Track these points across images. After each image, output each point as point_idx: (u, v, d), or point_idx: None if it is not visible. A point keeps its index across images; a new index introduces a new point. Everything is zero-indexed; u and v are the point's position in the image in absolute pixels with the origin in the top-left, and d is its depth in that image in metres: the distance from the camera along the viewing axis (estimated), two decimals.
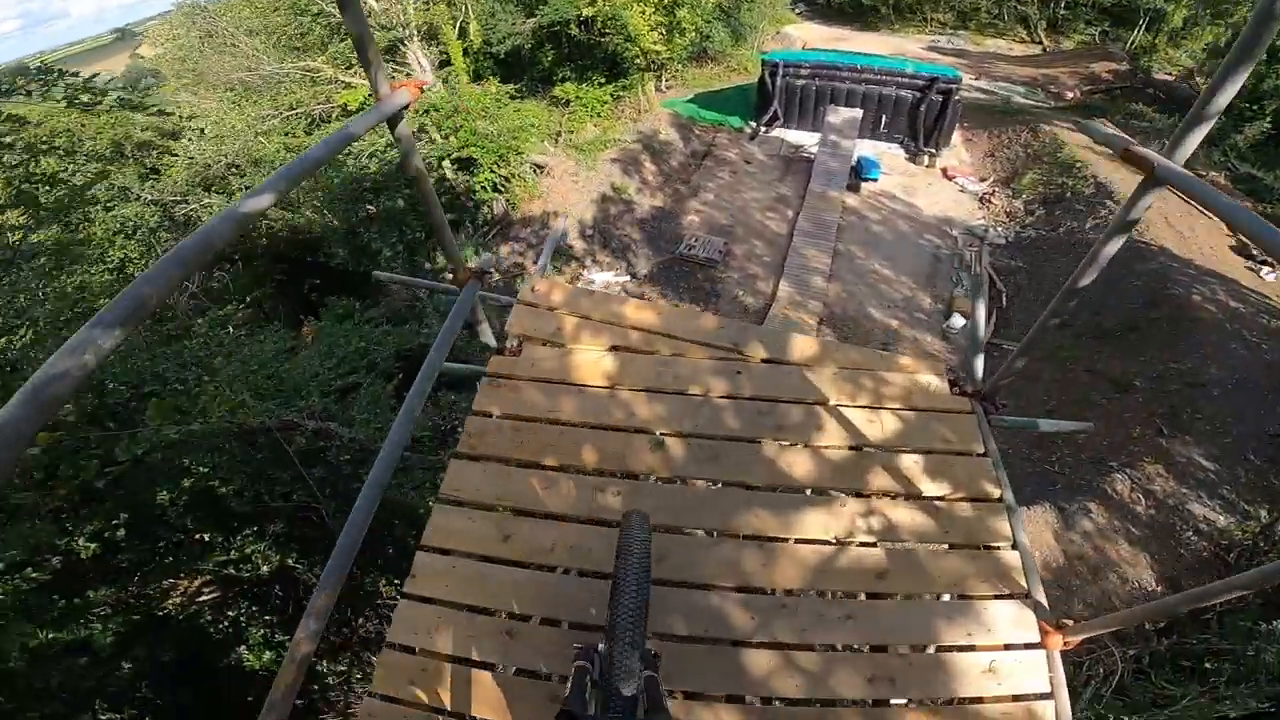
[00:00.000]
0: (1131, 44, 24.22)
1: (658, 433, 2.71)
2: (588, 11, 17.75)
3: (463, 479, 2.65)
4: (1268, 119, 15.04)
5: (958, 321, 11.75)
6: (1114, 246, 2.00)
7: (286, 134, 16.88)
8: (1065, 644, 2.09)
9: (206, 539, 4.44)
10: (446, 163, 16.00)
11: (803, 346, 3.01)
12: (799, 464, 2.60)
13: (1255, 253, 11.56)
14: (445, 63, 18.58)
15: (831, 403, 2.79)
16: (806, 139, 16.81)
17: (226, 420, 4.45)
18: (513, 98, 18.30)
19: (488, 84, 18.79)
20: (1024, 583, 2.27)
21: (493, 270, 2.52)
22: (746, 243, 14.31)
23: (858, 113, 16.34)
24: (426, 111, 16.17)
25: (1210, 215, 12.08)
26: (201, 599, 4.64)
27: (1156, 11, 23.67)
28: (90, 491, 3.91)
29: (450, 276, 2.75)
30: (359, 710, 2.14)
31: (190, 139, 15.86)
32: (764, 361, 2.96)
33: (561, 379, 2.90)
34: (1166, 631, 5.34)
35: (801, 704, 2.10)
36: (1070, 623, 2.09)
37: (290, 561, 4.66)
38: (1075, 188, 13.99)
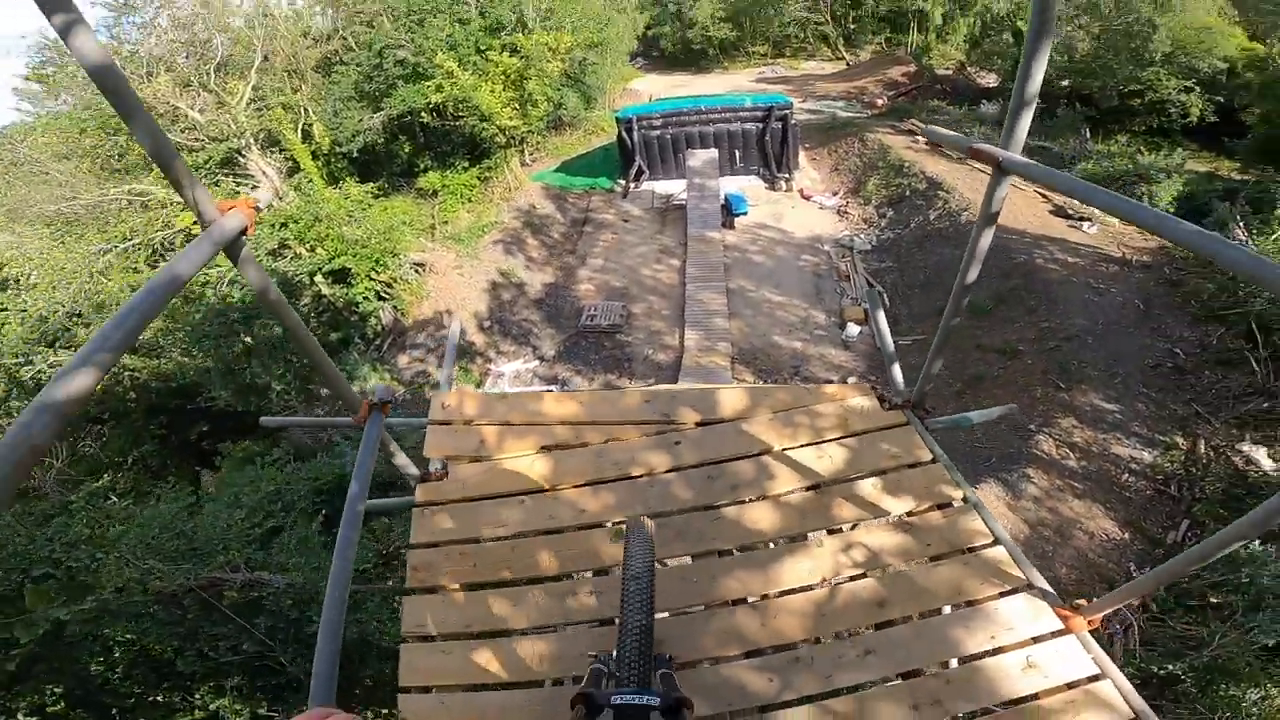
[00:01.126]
0: (911, 45, 27.78)
1: (612, 524, 2.57)
2: (436, 98, 17.26)
3: (422, 613, 2.44)
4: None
5: (853, 330, 12.30)
6: (986, 240, 2.15)
7: (128, 269, 14.84)
8: (1089, 623, 2.04)
9: (160, 699, 4.27)
10: (319, 277, 14.48)
11: (732, 400, 2.99)
12: (764, 518, 2.53)
13: (1071, 212, 12.96)
14: (296, 169, 17.34)
15: (776, 449, 2.76)
16: (674, 187, 17.32)
17: (138, 587, 4.31)
18: (376, 196, 17.06)
19: (345, 186, 17.44)
20: (1020, 574, 2.26)
21: (393, 397, 2.33)
22: (644, 300, 14.31)
23: (713, 152, 17.05)
24: (284, 224, 14.79)
25: (1025, 188, 13.49)
26: None
27: (921, 13, 27.15)
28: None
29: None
30: None
31: (15, 289, 13.76)
32: (699, 425, 2.90)
33: (498, 492, 2.70)
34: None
35: None
36: (1084, 603, 2.07)
37: (262, 711, 4.45)
38: (911, 185, 15.32)
